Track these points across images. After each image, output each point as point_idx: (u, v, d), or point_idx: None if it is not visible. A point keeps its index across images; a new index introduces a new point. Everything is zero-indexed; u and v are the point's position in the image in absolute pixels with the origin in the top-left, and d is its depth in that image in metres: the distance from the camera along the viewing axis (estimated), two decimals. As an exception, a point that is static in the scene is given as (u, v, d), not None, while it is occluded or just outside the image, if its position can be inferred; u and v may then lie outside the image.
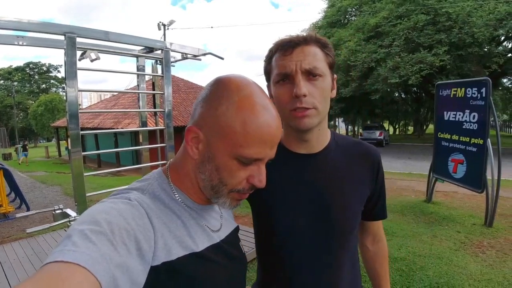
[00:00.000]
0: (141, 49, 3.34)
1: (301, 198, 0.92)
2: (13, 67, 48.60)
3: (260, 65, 1.01)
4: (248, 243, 3.82)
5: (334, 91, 0.93)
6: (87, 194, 2.61)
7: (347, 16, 23.18)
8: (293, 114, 0.86)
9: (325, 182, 0.93)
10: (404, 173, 10.30)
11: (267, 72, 0.94)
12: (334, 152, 0.96)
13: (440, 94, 5.25)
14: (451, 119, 4.99)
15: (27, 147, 21.94)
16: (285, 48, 0.86)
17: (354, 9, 22.37)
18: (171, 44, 3.31)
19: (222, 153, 0.64)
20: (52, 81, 49.68)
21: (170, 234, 0.63)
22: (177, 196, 0.69)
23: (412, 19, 15.99)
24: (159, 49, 3.26)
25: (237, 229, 0.86)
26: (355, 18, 21.41)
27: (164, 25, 20.20)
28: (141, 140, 3.65)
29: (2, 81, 48.04)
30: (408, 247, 3.85)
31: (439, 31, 15.45)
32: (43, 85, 49.28)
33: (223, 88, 0.65)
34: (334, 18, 22.62)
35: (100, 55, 3.03)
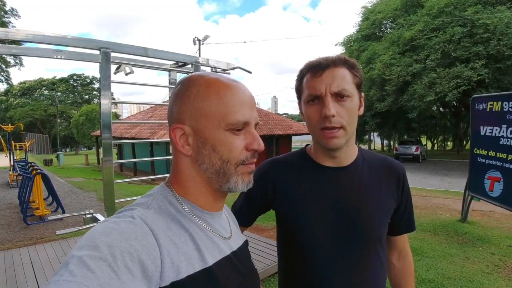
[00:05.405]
0: (173, 64, 3.49)
1: (330, 208, 0.95)
2: (57, 78, 51.31)
3: (290, 78, 1.06)
4: (271, 256, 3.83)
5: (362, 109, 0.97)
6: (117, 201, 2.74)
7: (381, 29, 22.91)
8: (322, 134, 0.91)
9: (353, 193, 0.96)
10: (440, 191, 9.90)
11: (298, 91, 0.99)
12: (361, 166, 1.01)
13: (476, 107, 4.99)
14: (487, 134, 4.72)
15: None
16: (315, 70, 0.91)
17: (388, 22, 22.07)
18: (202, 59, 3.44)
19: (211, 131, 0.65)
20: (95, 92, 51.49)
21: (178, 251, 0.60)
22: (184, 207, 0.67)
23: (448, 32, 15.55)
24: (190, 64, 3.41)
25: (246, 243, 0.85)
26: (390, 31, 21.10)
27: (199, 40, 20.85)
28: (170, 151, 3.82)
29: (46, 91, 50.67)
30: (438, 269, 3.70)
31: (477, 43, 14.89)
32: (86, 96, 51.50)
33: (187, 82, 0.68)
34: (369, 31, 22.46)
35: (136, 69, 3.21)
